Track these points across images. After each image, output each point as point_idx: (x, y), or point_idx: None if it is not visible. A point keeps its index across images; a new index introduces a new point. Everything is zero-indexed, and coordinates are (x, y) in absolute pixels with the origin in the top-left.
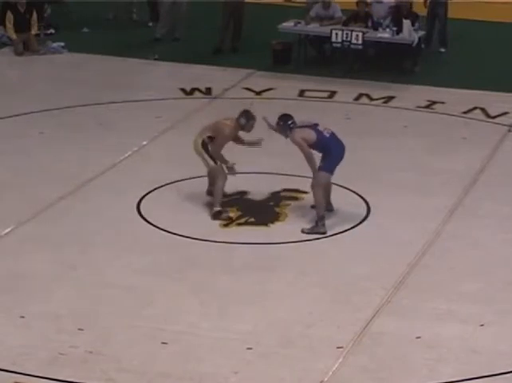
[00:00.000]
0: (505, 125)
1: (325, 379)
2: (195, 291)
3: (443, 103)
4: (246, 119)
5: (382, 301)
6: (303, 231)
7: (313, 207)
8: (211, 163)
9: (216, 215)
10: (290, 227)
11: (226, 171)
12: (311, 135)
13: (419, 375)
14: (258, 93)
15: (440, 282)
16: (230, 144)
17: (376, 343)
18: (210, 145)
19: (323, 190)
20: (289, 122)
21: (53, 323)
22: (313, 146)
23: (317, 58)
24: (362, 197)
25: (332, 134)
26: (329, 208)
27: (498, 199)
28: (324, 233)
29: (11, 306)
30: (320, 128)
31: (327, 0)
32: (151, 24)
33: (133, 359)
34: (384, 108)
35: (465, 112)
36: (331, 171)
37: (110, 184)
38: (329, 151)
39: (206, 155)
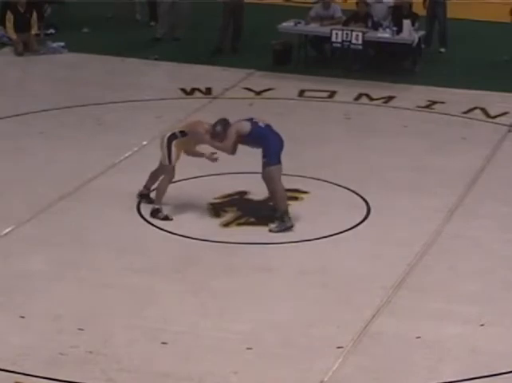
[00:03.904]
0: (505, 125)
1: (325, 379)
2: (195, 291)
3: (443, 103)
4: (223, 128)
5: (382, 301)
6: (271, 231)
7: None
8: (166, 161)
9: (154, 213)
10: None
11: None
12: (244, 126)
13: (419, 375)
14: (258, 93)
15: (440, 282)
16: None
17: (376, 343)
18: (176, 141)
19: (281, 183)
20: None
21: (53, 323)
22: (247, 137)
23: (317, 58)
24: (362, 197)
25: (268, 125)
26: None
27: (498, 199)
28: (292, 226)
29: (11, 306)
30: (256, 119)
31: (327, 0)
32: (153, 23)
33: (133, 359)
34: (384, 108)
35: (465, 112)
36: (279, 161)
37: (110, 184)
38: (267, 141)
39: (165, 151)
